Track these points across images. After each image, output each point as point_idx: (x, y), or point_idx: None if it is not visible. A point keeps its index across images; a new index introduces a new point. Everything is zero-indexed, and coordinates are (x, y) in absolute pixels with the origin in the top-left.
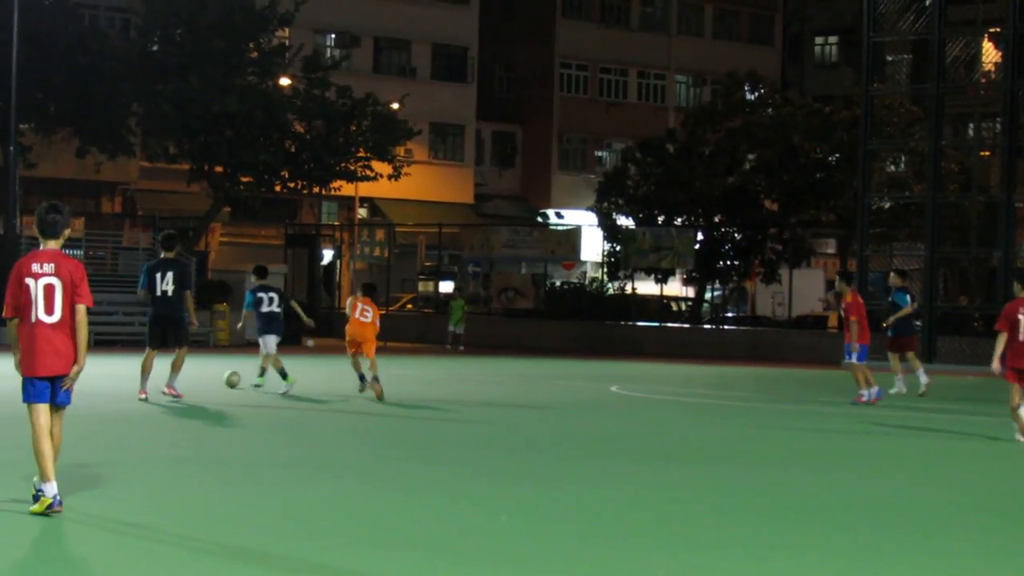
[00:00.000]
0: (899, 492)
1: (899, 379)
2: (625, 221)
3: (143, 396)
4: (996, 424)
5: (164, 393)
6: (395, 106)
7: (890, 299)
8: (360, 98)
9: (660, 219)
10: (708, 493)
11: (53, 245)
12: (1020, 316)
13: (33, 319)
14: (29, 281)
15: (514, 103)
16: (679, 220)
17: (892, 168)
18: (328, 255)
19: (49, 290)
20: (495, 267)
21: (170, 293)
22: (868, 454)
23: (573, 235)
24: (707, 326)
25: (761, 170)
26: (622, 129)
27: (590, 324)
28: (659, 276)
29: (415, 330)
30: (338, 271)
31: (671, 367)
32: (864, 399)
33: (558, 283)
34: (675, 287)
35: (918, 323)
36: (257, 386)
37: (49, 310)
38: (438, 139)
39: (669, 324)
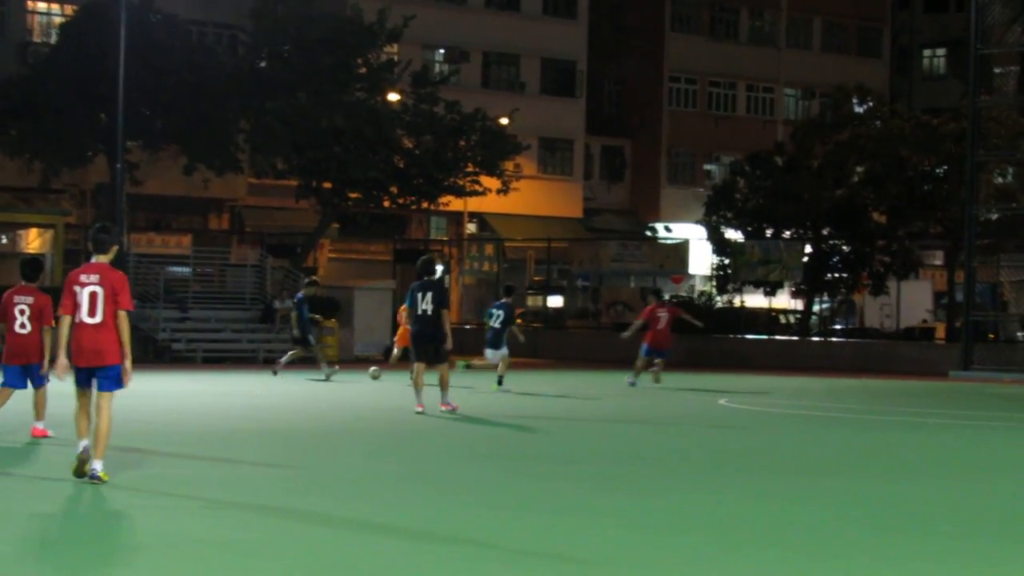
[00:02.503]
0: (1009, 502)
1: None
2: (734, 234)
3: (419, 409)
4: None
5: (442, 410)
6: (504, 121)
7: None
8: (469, 113)
9: (768, 232)
10: (817, 504)
11: (102, 259)
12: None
13: (79, 320)
14: (77, 289)
15: (623, 117)
16: (787, 233)
17: (999, 180)
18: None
19: (93, 297)
20: (604, 281)
21: (429, 312)
22: (978, 464)
23: (682, 248)
24: (815, 338)
25: (869, 182)
26: (731, 142)
27: (698, 337)
28: (768, 289)
29: (523, 345)
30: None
31: (779, 380)
32: (631, 383)
33: (667, 296)
34: (783, 300)
35: None
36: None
37: (92, 313)
38: (547, 154)
39: (777, 337)
